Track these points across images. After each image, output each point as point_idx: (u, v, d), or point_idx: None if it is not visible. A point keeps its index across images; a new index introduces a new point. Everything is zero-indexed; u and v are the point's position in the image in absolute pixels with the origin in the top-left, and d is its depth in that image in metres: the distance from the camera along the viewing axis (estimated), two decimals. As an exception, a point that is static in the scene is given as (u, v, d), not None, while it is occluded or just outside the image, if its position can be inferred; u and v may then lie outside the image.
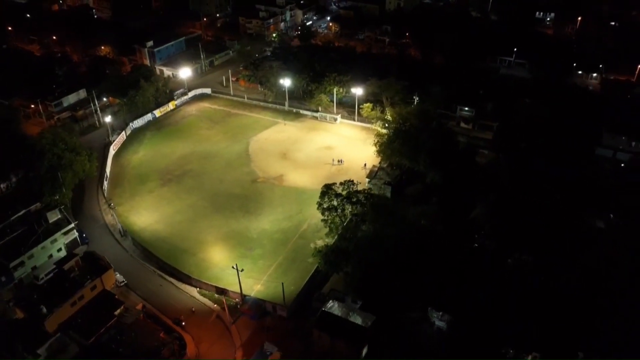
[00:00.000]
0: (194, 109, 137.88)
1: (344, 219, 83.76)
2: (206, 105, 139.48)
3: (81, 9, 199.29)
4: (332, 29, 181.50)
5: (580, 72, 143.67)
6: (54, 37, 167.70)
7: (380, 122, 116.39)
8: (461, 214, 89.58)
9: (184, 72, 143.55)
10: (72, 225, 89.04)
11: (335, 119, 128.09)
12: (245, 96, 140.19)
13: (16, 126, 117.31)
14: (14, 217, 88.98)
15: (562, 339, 67.14)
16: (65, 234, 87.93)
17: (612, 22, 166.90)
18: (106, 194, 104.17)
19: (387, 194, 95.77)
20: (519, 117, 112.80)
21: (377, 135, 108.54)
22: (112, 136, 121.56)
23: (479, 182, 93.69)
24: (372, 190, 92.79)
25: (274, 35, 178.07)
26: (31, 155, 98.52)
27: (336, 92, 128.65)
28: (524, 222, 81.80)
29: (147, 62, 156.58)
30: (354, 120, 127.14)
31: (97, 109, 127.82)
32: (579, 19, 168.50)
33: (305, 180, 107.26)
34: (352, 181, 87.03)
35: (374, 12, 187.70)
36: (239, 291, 79.24)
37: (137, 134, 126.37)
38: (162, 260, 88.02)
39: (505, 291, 71.92)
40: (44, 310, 72.71)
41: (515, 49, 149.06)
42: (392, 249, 74.39)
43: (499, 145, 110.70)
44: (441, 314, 71.95)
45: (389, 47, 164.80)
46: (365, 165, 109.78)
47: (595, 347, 65.99)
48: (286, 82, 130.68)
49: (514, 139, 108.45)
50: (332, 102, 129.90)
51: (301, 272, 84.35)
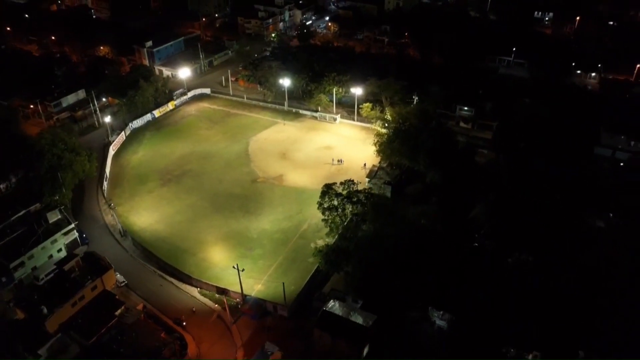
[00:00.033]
0: (193, 109, 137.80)
1: (344, 219, 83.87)
2: (205, 105, 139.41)
3: (80, 9, 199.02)
4: (331, 29, 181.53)
5: (579, 71, 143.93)
6: (52, 38, 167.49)
7: (379, 122, 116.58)
8: (461, 214, 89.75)
9: (184, 72, 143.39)
10: (72, 225, 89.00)
11: (334, 119, 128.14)
12: (244, 96, 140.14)
13: (15, 126, 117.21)
14: (13, 218, 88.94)
15: (562, 339, 67.33)
16: (65, 234, 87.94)
17: (611, 22, 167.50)
18: (106, 194, 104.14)
19: (387, 194, 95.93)
20: (518, 116, 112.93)
21: (377, 135, 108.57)
22: (111, 136, 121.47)
23: (478, 182, 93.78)
24: (372, 189, 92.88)
25: (273, 35, 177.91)
26: (31, 155, 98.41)
27: (335, 92, 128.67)
28: (524, 222, 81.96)
29: (146, 62, 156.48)
30: (354, 120, 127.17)
31: (97, 109, 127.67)
32: (578, 18, 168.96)
33: (305, 180, 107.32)
34: (353, 181, 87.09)
35: (373, 12, 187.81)
36: (239, 291, 79.30)
37: (136, 134, 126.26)
38: (163, 260, 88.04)
39: (505, 291, 72.08)
40: (45, 310, 72.69)
41: (514, 49, 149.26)
42: (392, 249, 74.53)
43: (498, 144, 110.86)
44: (442, 313, 71.99)
45: (388, 47, 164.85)
46: (365, 165, 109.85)
47: (595, 346, 66.13)
48: (285, 82, 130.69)
49: (513, 139, 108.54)
50: (332, 102, 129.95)
51: (301, 272, 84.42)
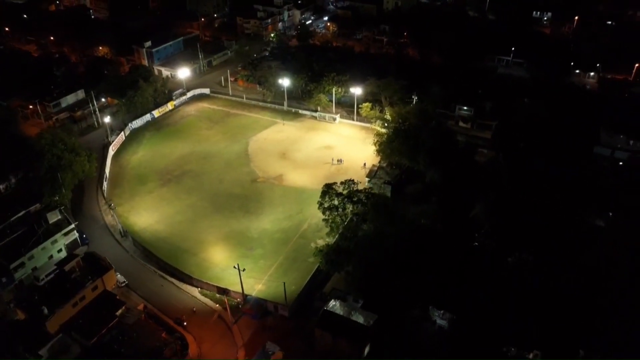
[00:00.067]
0: (192, 109, 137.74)
1: (345, 219, 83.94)
2: (205, 105, 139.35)
3: (78, 9, 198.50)
4: (330, 28, 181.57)
5: (577, 71, 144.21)
6: (51, 38, 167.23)
7: (379, 122, 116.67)
8: (461, 213, 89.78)
9: (183, 73, 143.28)
10: (72, 226, 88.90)
11: (334, 119, 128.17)
12: (244, 96, 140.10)
13: (14, 127, 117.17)
14: (13, 218, 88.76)
15: (562, 338, 67.41)
16: (65, 234, 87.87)
17: (609, 22, 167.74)
18: (106, 195, 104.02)
19: (387, 193, 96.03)
20: (517, 116, 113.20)
21: (377, 134, 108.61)
22: (111, 137, 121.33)
23: (478, 181, 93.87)
24: (372, 189, 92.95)
25: (272, 35, 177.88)
26: (30, 156, 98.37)
27: (335, 91, 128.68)
28: (524, 221, 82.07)
29: (145, 62, 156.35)
30: (353, 119, 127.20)
31: (96, 110, 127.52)
32: (576, 18, 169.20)
33: (305, 179, 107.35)
34: (353, 180, 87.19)
35: (372, 12, 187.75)
36: (240, 291, 79.32)
37: (136, 134, 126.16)
38: (163, 260, 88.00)
39: (505, 290, 72.14)
40: (46, 311, 72.54)
41: (513, 49, 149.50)
42: (392, 248, 74.62)
43: (498, 144, 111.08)
44: (442, 312, 72.16)
45: (387, 47, 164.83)
46: (364, 164, 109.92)
47: (595, 346, 66.24)
48: (285, 82, 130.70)
49: (513, 138, 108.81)
50: (331, 101, 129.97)
51: (302, 272, 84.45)
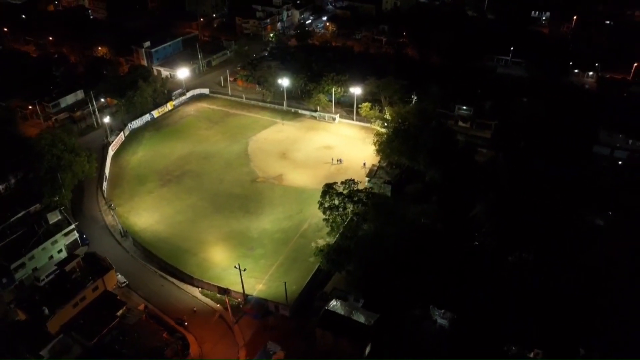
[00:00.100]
0: (192, 109, 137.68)
1: (345, 218, 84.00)
2: (204, 105, 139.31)
3: (77, 10, 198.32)
4: (329, 28, 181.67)
5: (576, 70, 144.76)
6: (50, 38, 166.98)
7: (379, 121, 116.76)
8: (461, 213, 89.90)
9: (182, 73, 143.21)
10: (72, 226, 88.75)
11: (333, 119, 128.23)
12: (243, 96, 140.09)
13: (14, 127, 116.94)
14: (13, 219, 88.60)
15: (562, 337, 67.53)
16: (65, 235, 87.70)
17: (608, 21, 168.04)
18: (106, 195, 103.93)
19: (387, 193, 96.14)
20: (517, 115, 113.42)
21: (377, 134, 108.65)
22: (110, 137, 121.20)
23: (478, 181, 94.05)
24: (373, 189, 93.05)
25: (271, 35, 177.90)
26: (30, 156, 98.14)
27: (334, 91, 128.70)
28: (524, 221, 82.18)
29: (144, 62, 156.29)
30: (353, 119, 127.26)
31: (95, 110, 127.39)
32: (575, 18, 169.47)
33: (305, 179, 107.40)
34: (353, 180, 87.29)
35: (371, 11, 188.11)
36: (241, 291, 79.33)
37: (135, 134, 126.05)
38: (164, 260, 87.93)
39: (505, 289, 72.27)
40: (46, 311, 72.39)
41: (512, 48, 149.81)
42: (393, 248, 74.61)
43: (497, 143, 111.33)
44: (443, 311, 72.24)
45: (386, 47, 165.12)
46: (364, 164, 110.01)
47: (595, 345, 66.38)
48: (284, 82, 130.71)
49: (512, 138, 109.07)
50: (331, 101, 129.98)
51: (302, 272, 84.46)
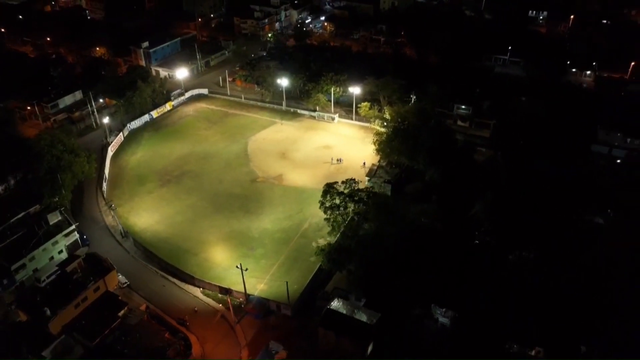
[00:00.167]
0: (191, 109, 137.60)
1: (346, 217, 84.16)
2: (203, 105, 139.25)
3: (74, 10, 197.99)
4: (327, 28, 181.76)
5: (574, 70, 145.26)
6: (47, 39, 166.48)
7: (378, 121, 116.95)
8: (460, 212, 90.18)
9: (181, 73, 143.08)
10: (73, 227, 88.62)
11: (333, 118, 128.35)
12: (242, 96, 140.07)
13: (12, 128, 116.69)
14: (13, 219, 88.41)
15: (563, 336, 67.80)
16: (66, 235, 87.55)
17: (605, 21, 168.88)
18: (105, 196, 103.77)
19: (387, 192, 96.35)
20: (515, 115, 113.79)
21: (376, 134, 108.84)
22: (109, 137, 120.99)
23: (477, 180, 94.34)
24: (373, 188, 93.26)
25: (269, 35, 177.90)
26: (29, 157, 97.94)
27: (334, 91, 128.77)
28: (523, 219, 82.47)
29: (142, 62, 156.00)
30: (352, 119, 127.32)
31: (94, 110, 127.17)
32: (572, 17, 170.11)
33: (304, 179, 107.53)
34: (354, 179, 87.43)
35: (369, 11, 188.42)
36: (242, 291, 79.38)
37: (134, 134, 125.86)
38: (164, 260, 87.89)
39: (505, 288, 72.54)
40: (48, 312, 72.38)
41: (509, 48, 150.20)
42: (393, 247, 74.79)
43: (496, 143, 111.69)
44: (444, 310, 72.49)
45: (384, 47, 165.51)
46: (364, 163, 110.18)
47: (595, 345, 66.66)
48: (283, 82, 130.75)
49: (511, 137, 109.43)
50: (330, 101, 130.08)
51: (303, 271, 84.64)
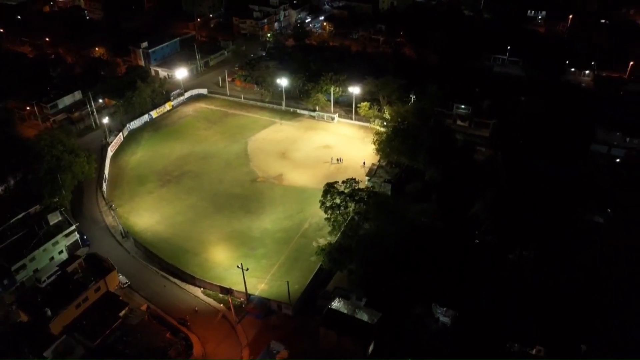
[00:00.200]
0: (190, 109, 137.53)
1: (347, 217, 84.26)
2: (203, 105, 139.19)
3: (73, 10, 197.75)
4: (326, 28, 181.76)
5: (572, 69, 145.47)
6: (46, 39, 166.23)
7: (378, 121, 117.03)
8: (460, 211, 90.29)
9: (180, 73, 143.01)
10: (73, 227, 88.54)
11: (332, 118, 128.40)
12: (241, 96, 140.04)
13: (12, 128, 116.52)
14: (13, 220, 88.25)
15: (563, 336, 67.96)
16: (66, 236, 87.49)
17: (603, 20, 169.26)
18: (105, 196, 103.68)
19: (388, 192, 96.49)
20: (514, 114, 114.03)
21: (376, 133, 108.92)
22: (109, 137, 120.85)
23: (477, 179, 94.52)
24: (374, 188, 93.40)
25: (268, 35, 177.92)
26: (29, 157, 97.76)
27: (333, 91, 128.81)
28: (523, 219, 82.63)
29: (141, 63, 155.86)
30: (352, 119, 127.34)
31: (94, 111, 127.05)
32: (570, 17, 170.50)
33: (305, 179, 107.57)
34: (355, 179, 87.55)
35: (368, 11, 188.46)
36: (243, 290, 79.41)
37: (134, 135, 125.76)
38: (165, 260, 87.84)
39: (506, 288, 72.64)
40: (49, 312, 72.36)
41: (508, 47, 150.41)
42: (393, 247, 74.92)
43: (495, 142, 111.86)
44: (445, 309, 72.67)
45: (384, 46, 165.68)
46: (364, 163, 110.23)
47: (595, 344, 66.81)
48: (282, 82, 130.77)
49: (510, 136, 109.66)
50: (329, 101, 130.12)
51: (304, 271, 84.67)
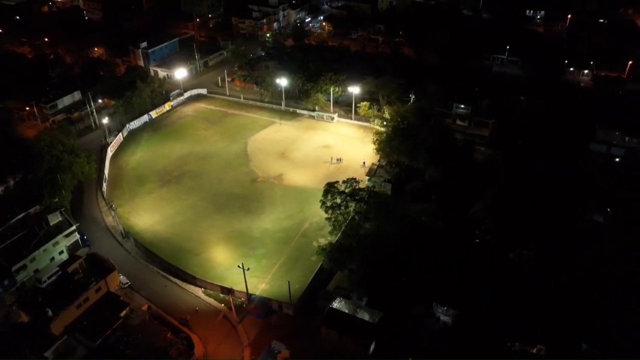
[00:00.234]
0: (190, 109, 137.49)
1: (347, 217, 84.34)
2: (202, 105, 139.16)
3: (71, 10, 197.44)
4: (326, 28, 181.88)
5: (571, 69, 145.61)
6: (45, 39, 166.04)
7: (378, 120, 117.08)
8: (460, 211, 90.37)
9: (180, 73, 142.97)
10: (73, 227, 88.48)
11: (332, 118, 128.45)
12: (241, 96, 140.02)
13: (12, 129, 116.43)
14: (13, 220, 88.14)
15: (563, 335, 68.11)
16: (66, 236, 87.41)
17: (602, 20, 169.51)
18: (105, 196, 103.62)
19: (388, 192, 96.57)
20: (514, 114, 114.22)
21: (376, 133, 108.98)
22: (109, 138, 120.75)
23: (477, 179, 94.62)
24: (374, 187, 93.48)
25: (267, 35, 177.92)
26: (29, 157, 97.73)
27: (333, 91, 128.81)
28: (523, 218, 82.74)
29: (141, 63, 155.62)
30: (351, 119, 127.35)
31: (93, 111, 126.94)
32: (569, 16, 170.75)
33: (305, 179, 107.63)
34: (355, 179, 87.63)
35: (367, 11, 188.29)
36: (244, 290, 79.45)
37: (134, 135, 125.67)
38: (166, 261, 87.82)
39: (506, 287, 72.72)
40: (50, 313, 72.39)
41: (507, 47, 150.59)
42: (393, 246, 74.95)
43: (495, 141, 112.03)
44: (446, 309, 72.82)
45: (383, 46, 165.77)
46: (364, 163, 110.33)
47: (595, 344, 67.00)
48: (282, 81, 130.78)
49: (510, 136, 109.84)
50: (329, 101, 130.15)
51: (305, 271, 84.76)
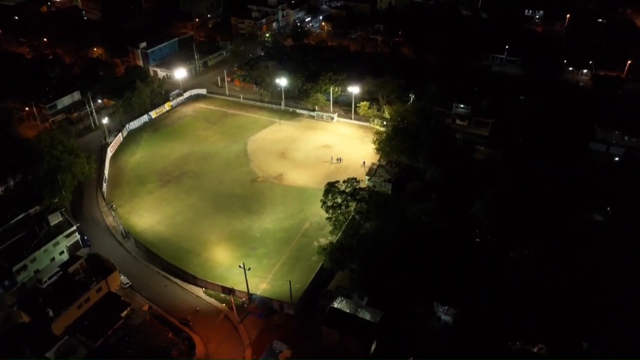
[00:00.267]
0: (190, 109, 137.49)
1: (348, 216, 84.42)
2: (202, 105, 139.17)
3: (70, 11, 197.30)
4: (325, 28, 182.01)
5: (570, 68, 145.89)
6: (44, 39, 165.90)
7: (378, 120, 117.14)
8: (460, 210, 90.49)
9: (179, 73, 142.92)
10: (74, 227, 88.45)
11: (332, 118, 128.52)
12: (241, 96, 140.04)
13: (11, 129, 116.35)
14: (13, 221, 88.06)
15: (563, 335, 68.25)
16: (67, 236, 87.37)
17: (600, 19, 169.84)
18: (106, 196, 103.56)
19: (388, 191, 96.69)
20: (513, 113, 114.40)
21: (376, 133, 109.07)
22: (109, 138, 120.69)
23: (477, 179, 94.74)
24: (375, 187, 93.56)
25: (266, 35, 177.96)
26: (29, 158, 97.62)
27: (332, 91, 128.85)
28: (523, 218, 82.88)
29: (140, 63, 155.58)
30: (351, 118, 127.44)
31: (93, 111, 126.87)
32: (568, 16, 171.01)
33: (305, 179, 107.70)
34: (356, 179, 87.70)
35: (366, 11, 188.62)
36: (244, 290, 79.48)
37: (133, 135, 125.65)
38: (166, 261, 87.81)
39: (506, 287, 72.85)
40: (51, 313, 72.34)
41: (506, 47, 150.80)
42: (394, 246, 75.07)
43: (495, 141, 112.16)
44: (446, 308, 72.90)
45: (382, 46, 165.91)
46: (364, 162, 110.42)
47: (595, 343, 67.06)
48: (282, 81, 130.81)
49: (509, 135, 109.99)
50: (329, 101, 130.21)
51: (305, 270, 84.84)
